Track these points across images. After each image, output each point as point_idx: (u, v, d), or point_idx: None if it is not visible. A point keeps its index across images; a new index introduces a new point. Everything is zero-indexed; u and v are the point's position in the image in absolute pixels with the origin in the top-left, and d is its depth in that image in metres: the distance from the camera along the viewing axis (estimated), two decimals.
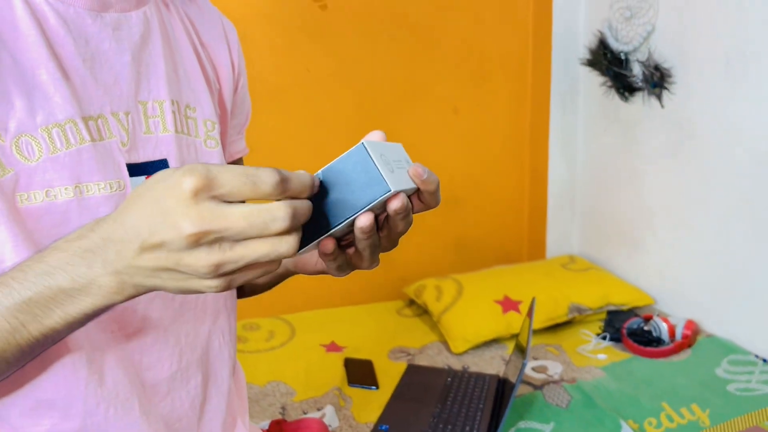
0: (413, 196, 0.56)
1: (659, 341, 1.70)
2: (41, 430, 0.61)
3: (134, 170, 0.65)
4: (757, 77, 1.58)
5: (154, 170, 0.66)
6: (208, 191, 0.44)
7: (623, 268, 2.09)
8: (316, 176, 0.50)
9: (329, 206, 0.50)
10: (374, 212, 0.52)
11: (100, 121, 0.62)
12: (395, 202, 0.51)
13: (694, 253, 1.83)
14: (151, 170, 0.66)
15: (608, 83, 2.00)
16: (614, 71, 1.95)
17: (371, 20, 1.98)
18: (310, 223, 0.49)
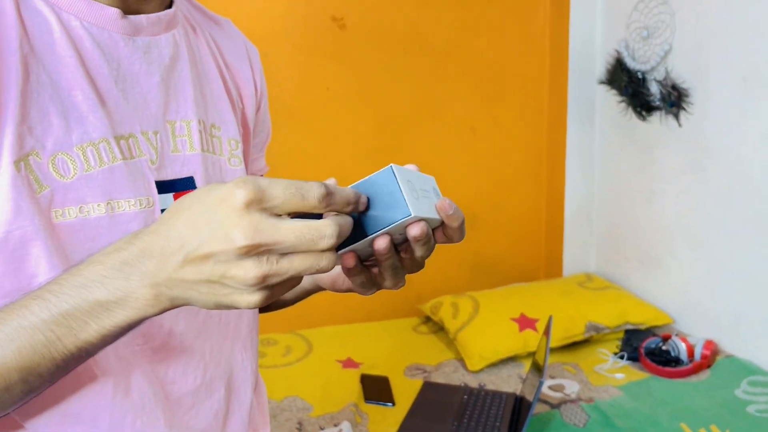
0: (437, 229, 0.56)
1: (678, 361, 1.69)
2: None
3: (162, 187, 0.66)
4: None
5: (180, 187, 0.68)
6: (259, 203, 0.45)
7: (641, 287, 2.07)
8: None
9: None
10: (392, 235, 0.52)
11: (131, 140, 0.64)
12: (414, 228, 0.51)
13: (713, 272, 1.82)
14: (178, 187, 0.68)
15: (626, 102, 2.01)
16: (632, 90, 1.96)
17: (389, 40, 2.00)
18: None
